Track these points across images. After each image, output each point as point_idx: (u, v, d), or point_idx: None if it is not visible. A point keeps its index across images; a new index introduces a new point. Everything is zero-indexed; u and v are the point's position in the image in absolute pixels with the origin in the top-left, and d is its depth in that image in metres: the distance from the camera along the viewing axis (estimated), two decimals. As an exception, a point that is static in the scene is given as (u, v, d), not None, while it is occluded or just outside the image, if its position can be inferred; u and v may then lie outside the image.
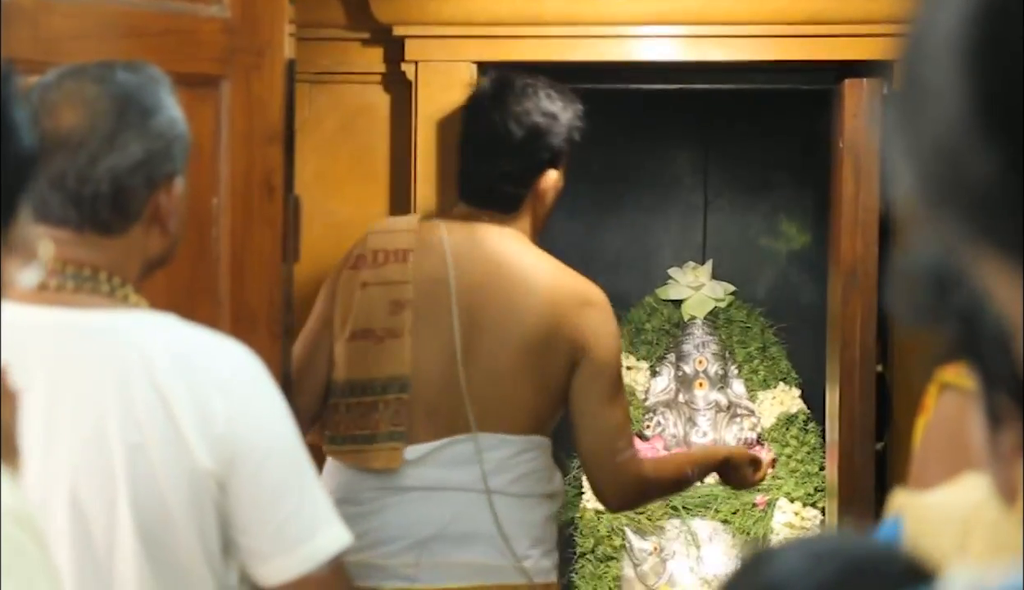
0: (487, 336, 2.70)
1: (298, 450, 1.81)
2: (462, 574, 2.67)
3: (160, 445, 1.72)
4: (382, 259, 2.75)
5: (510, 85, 2.82)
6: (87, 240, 1.78)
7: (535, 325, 2.69)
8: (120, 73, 1.81)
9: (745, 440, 4.22)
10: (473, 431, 2.67)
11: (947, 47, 0.59)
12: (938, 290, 0.74)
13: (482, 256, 2.74)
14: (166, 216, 1.82)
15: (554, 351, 2.70)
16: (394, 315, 2.70)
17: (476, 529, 2.67)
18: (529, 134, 2.76)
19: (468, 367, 2.68)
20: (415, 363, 2.69)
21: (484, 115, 2.80)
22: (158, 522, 1.74)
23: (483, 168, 2.79)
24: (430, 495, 2.68)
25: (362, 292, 2.73)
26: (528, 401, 2.71)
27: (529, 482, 2.73)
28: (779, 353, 4.33)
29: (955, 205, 0.61)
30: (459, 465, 2.68)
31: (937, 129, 0.60)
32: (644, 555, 4.08)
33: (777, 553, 0.84)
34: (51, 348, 1.75)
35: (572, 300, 2.72)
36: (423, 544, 2.66)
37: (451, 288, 2.71)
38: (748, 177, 4.46)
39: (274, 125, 2.41)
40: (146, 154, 1.79)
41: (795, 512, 4.04)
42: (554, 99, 2.80)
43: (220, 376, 1.76)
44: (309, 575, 1.78)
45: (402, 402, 2.68)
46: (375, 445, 2.68)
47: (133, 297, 1.81)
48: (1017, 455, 0.74)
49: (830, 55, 3.54)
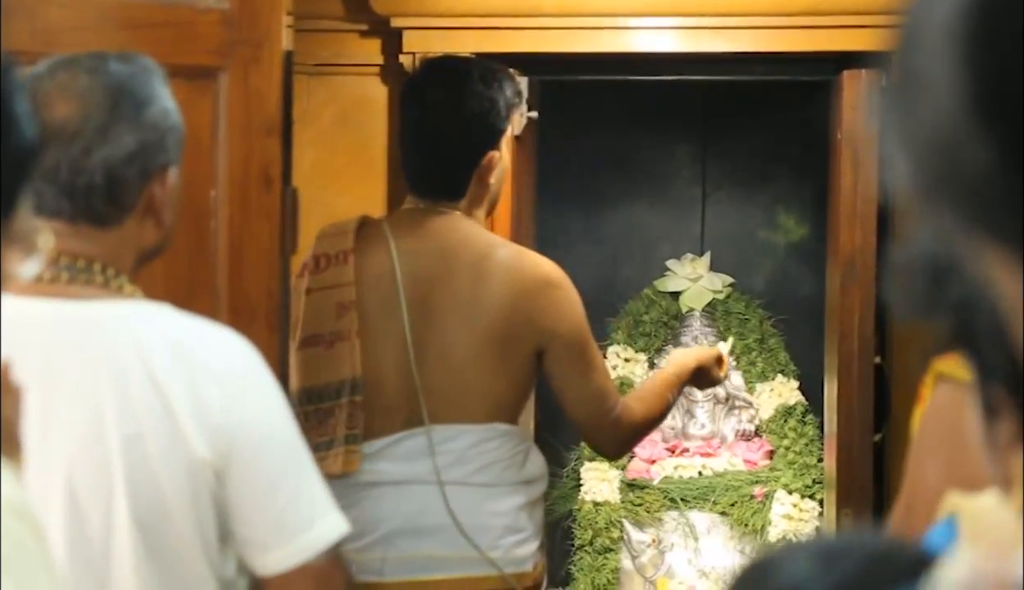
0: (441, 327, 2.67)
1: (295, 440, 1.81)
2: (425, 567, 2.66)
3: (157, 435, 1.72)
4: (324, 264, 2.73)
5: (442, 69, 2.79)
6: (81, 231, 1.78)
7: (494, 312, 2.65)
8: (113, 64, 1.81)
9: (743, 432, 4.22)
10: (426, 424, 2.66)
11: (943, 37, 0.59)
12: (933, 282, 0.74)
13: (430, 247, 2.70)
14: (160, 207, 1.82)
15: (517, 338, 2.67)
16: (340, 318, 2.68)
17: (439, 522, 2.65)
18: (466, 117, 2.72)
19: (422, 360, 2.66)
20: (366, 363, 2.67)
21: (419, 102, 2.76)
22: (155, 513, 1.74)
23: (422, 156, 2.75)
24: (392, 489, 2.68)
25: (307, 299, 2.71)
26: (489, 389, 2.67)
27: (494, 471, 2.69)
28: (777, 345, 4.33)
29: (952, 195, 0.61)
30: (415, 458, 2.67)
31: (933, 119, 0.60)
32: (642, 547, 4.08)
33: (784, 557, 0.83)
34: (46, 340, 1.75)
35: (532, 284, 2.68)
36: (388, 538, 2.66)
37: (398, 283, 2.68)
38: (746, 169, 4.46)
39: (272, 117, 2.41)
40: (140, 145, 1.78)
41: (793, 504, 4.05)
42: (488, 81, 2.75)
43: (216, 366, 1.76)
44: (307, 565, 1.78)
45: (355, 405, 2.66)
46: (332, 450, 2.67)
47: (128, 287, 1.80)
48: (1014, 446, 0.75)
49: (828, 46, 3.54)
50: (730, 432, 4.21)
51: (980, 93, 0.58)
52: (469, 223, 2.74)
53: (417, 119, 2.75)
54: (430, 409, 2.65)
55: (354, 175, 3.73)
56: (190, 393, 1.73)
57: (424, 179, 2.76)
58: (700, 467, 4.15)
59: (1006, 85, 0.57)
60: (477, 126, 2.73)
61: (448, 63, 2.83)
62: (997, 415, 0.75)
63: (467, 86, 2.73)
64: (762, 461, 4.16)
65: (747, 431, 4.21)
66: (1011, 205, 0.58)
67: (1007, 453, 0.75)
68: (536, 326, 2.67)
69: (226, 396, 1.74)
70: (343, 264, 2.72)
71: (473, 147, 2.73)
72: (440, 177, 2.75)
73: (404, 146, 2.80)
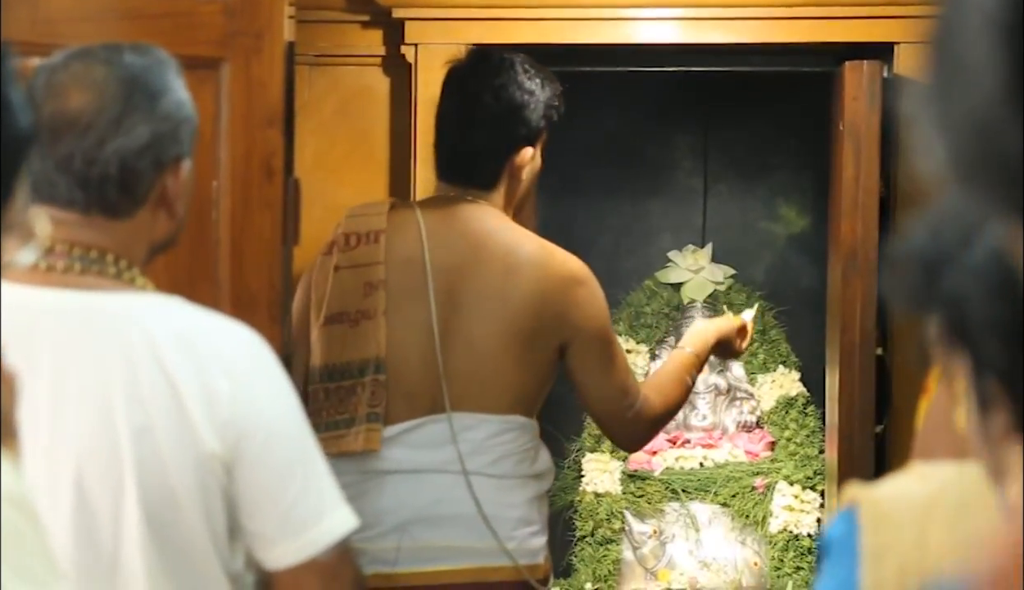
0: (467, 316, 2.67)
1: (304, 433, 1.81)
2: (443, 557, 2.66)
3: (166, 428, 1.72)
4: (354, 242, 2.73)
5: (488, 59, 2.82)
6: (94, 222, 1.78)
7: (521, 306, 2.67)
8: (128, 55, 1.81)
9: (745, 423, 4.22)
10: (448, 411, 2.66)
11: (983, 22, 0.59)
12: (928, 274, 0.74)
13: (459, 235, 2.71)
14: (173, 199, 1.82)
15: (542, 333, 2.68)
16: (367, 297, 2.68)
17: (455, 511, 2.66)
18: (505, 107, 2.74)
19: (447, 347, 2.66)
20: (391, 344, 2.67)
21: (461, 88, 2.78)
22: (164, 505, 1.73)
23: (460, 141, 2.76)
24: (408, 478, 2.67)
25: (335, 276, 2.71)
26: (512, 380, 2.69)
27: (509, 463, 2.70)
28: (779, 336, 4.33)
29: (989, 179, 0.60)
30: (435, 447, 2.67)
31: (972, 104, 0.60)
32: (643, 538, 4.08)
33: None
34: (57, 330, 1.74)
35: (559, 280, 2.70)
36: (403, 528, 2.65)
37: (427, 268, 2.68)
38: (748, 160, 4.46)
39: (274, 108, 2.41)
40: (153, 137, 1.78)
41: (794, 495, 4.05)
42: (532, 76, 2.78)
43: (226, 359, 1.75)
44: (316, 559, 1.78)
45: (378, 383, 2.66)
46: (353, 428, 2.67)
47: (140, 279, 1.80)
48: (1007, 438, 0.75)
49: (830, 37, 3.54)
50: (731, 423, 4.21)
51: (1019, 78, 0.58)
52: (498, 215, 2.76)
53: (457, 104, 2.77)
54: (452, 397, 2.66)
55: (355, 166, 3.72)
56: (200, 386, 1.73)
57: (458, 164, 2.77)
58: (701, 458, 4.15)
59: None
60: (516, 117, 2.75)
61: (495, 53, 2.85)
62: (990, 407, 0.75)
63: (511, 77, 2.76)
64: (763, 452, 4.16)
65: (748, 422, 4.21)
66: None
67: (1000, 445, 0.76)
68: (561, 322, 2.69)
69: (236, 389, 1.74)
70: (374, 244, 2.72)
71: (509, 137, 2.76)
72: (474, 164, 2.76)
73: (440, 131, 2.81)
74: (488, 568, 2.66)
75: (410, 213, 2.76)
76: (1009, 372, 0.71)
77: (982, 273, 0.70)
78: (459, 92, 2.79)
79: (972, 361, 0.74)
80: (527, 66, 2.79)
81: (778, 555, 4.03)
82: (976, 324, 0.72)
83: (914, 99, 0.63)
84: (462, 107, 2.77)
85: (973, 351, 0.74)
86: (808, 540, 4.01)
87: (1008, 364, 0.71)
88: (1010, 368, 0.71)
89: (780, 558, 4.02)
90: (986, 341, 0.72)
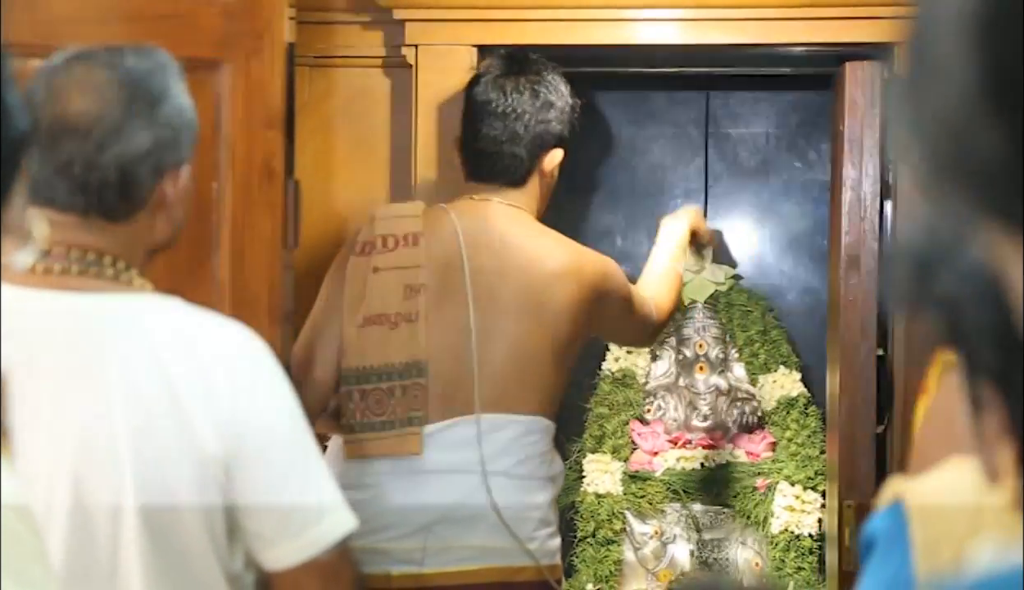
0: (505, 318, 2.71)
1: (304, 434, 1.81)
2: (468, 557, 2.68)
3: (165, 428, 1.72)
4: (392, 244, 2.75)
5: (522, 59, 2.90)
6: (92, 225, 1.78)
7: (558, 311, 2.73)
8: (130, 58, 1.80)
9: (746, 424, 4.22)
10: (477, 412, 2.67)
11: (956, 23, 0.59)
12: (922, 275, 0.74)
13: (495, 239, 2.76)
14: (172, 204, 1.82)
15: (577, 336, 2.78)
16: (408, 299, 2.70)
17: (478, 511, 2.67)
18: (542, 106, 2.82)
19: (483, 349, 2.69)
20: (430, 347, 2.69)
21: (497, 86, 2.84)
22: (163, 506, 1.73)
23: (496, 135, 2.82)
24: (436, 478, 2.68)
25: (375, 277, 2.72)
26: (542, 382, 2.74)
27: (532, 465, 2.74)
28: (780, 337, 4.32)
29: (963, 181, 0.61)
30: (461, 447, 2.69)
31: (945, 105, 0.60)
32: (645, 539, 4.08)
33: None
34: (56, 331, 1.74)
35: (595, 276, 2.81)
36: (428, 528, 2.67)
37: (465, 272, 2.72)
38: (749, 160, 4.46)
39: (274, 109, 2.41)
40: (154, 143, 1.78)
41: (796, 495, 4.05)
42: (561, 82, 2.88)
43: (225, 359, 1.75)
44: (315, 559, 1.78)
45: (420, 387, 2.67)
46: (393, 431, 2.67)
47: (138, 281, 1.80)
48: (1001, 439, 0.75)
49: (831, 38, 3.53)
50: (733, 424, 4.21)
51: (993, 79, 0.58)
52: (530, 219, 2.84)
53: (493, 102, 2.83)
54: (484, 398, 2.68)
55: (356, 167, 3.72)
56: (198, 386, 1.72)
57: (492, 162, 2.83)
58: (703, 459, 4.15)
59: (1018, 71, 0.57)
60: (551, 117, 2.84)
61: (527, 54, 2.93)
62: (984, 408, 0.75)
63: (546, 78, 2.86)
64: (765, 453, 4.16)
65: (750, 423, 4.21)
66: (1021, 190, 0.58)
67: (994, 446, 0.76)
68: (595, 320, 2.82)
69: (235, 390, 1.74)
70: (413, 246, 2.74)
71: (543, 136, 2.83)
72: (509, 161, 2.82)
73: (471, 129, 2.85)
74: (512, 568, 2.69)
75: (445, 216, 2.79)
76: (1002, 375, 0.71)
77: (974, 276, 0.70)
78: (494, 90, 2.84)
79: (965, 363, 0.74)
80: (557, 73, 2.89)
81: (779, 555, 4.02)
82: (969, 327, 0.72)
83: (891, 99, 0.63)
84: (498, 104, 2.82)
85: (966, 353, 0.74)
86: (809, 540, 4.01)
87: (1001, 367, 0.71)
88: (1003, 371, 0.71)
89: (781, 558, 4.02)
90: (979, 344, 0.72)
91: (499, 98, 2.83)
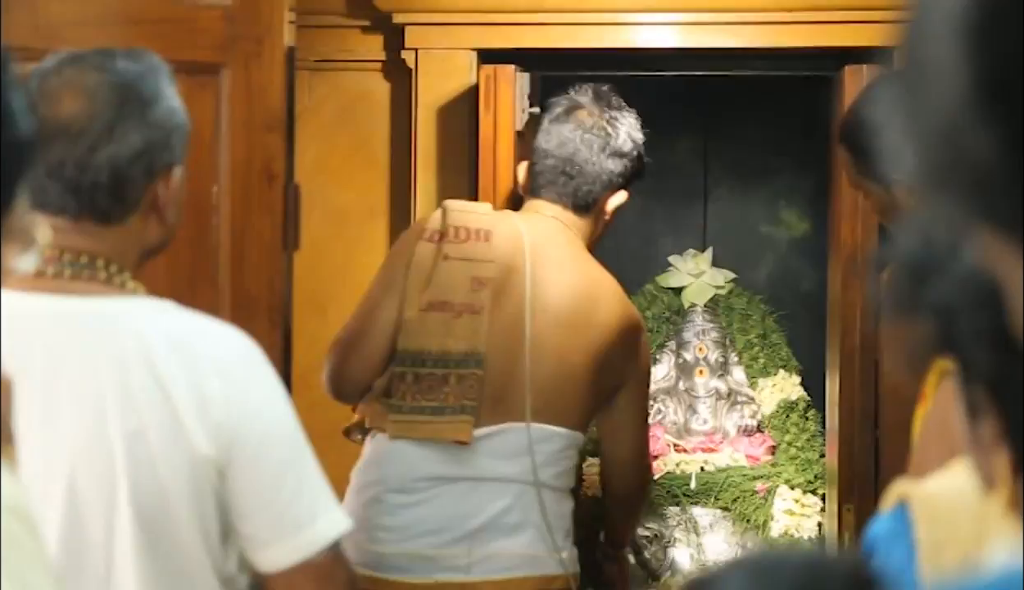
0: (557, 330, 2.76)
1: (297, 435, 1.81)
2: (511, 565, 2.71)
3: (159, 431, 1.72)
4: (464, 236, 2.78)
5: (610, 97, 3.00)
6: (85, 228, 1.78)
7: (604, 331, 2.81)
8: (120, 61, 1.81)
9: (745, 427, 4.22)
10: (527, 420, 2.71)
11: (948, 27, 0.59)
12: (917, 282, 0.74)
13: (555, 254, 2.83)
14: (164, 206, 1.82)
15: (613, 362, 2.83)
16: (475, 291, 2.74)
17: (525, 520, 2.72)
18: (623, 146, 2.94)
19: (535, 357, 2.73)
20: (489, 343, 2.72)
21: (586, 118, 2.93)
22: (157, 508, 1.74)
23: (578, 166, 2.90)
24: (480, 485, 2.71)
25: (444, 264, 2.75)
26: (584, 398, 2.79)
27: (567, 478, 2.82)
28: (779, 340, 4.33)
29: (956, 184, 0.61)
30: (512, 456, 2.73)
31: (938, 109, 0.60)
32: (645, 542, 4.08)
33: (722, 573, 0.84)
34: (49, 335, 1.75)
35: (632, 324, 2.89)
36: (474, 535, 2.69)
37: (526, 278, 2.77)
38: (748, 164, 4.46)
39: (274, 113, 2.41)
40: (145, 144, 1.79)
41: (795, 499, 4.05)
42: (637, 126, 3.01)
43: (218, 361, 1.75)
44: (309, 561, 1.78)
45: (476, 377, 2.70)
46: (445, 417, 2.70)
47: (131, 283, 1.81)
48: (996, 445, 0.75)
49: (830, 41, 3.54)
50: (732, 427, 4.21)
51: (984, 83, 0.58)
52: (583, 247, 2.90)
53: (581, 132, 2.92)
54: (532, 405, 2.70)
55: (356, 171, 3.72)
56: (192, 389, 1.73)
57: (568, 186, 2.91)
58: (702, 463, 4.15)
59: (1010, 75, 0.58)
60: (627, 160, 2.96)
61: (614, 93, 3.03)
62: (980, 415, 0.76)
63: (632, 123, 3.00)
64: (764, 456, 4.16)
65: (749, 426, 4.21)
66: (1014, 193, 0.59)
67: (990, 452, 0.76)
68: (628, 359, 2.87)
69: (228, 392, 1.74)
70: (484, 242, 2.79)
71: (618, 174, 2.94)
72: (585, 189, 2.91)
73: (548, 151, 2.92)
74: (548, 577, 2.75)
75: (512, 223, 2.86)
76: (997, 381, 0.71)
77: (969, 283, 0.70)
78: (584, 119, 2.93)
79: (961, 369, 0.75)
80: (634, 120, 3.00)
81: (779, 559, 4.03)
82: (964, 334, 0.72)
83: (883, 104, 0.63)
84: (586, 135, 2.91)
85: (961, 360, 0.74)
86: (809, 544, 4.01)
87: (996, 373, 0.71)
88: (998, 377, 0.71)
89: (781, 562, 4.02)
90: (974, 351, 0.72)
91: (588, 133, 2.92)
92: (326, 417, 3.67)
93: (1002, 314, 0.64)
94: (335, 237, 3.71)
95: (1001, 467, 0.74)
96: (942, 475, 1.29)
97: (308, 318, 3.57)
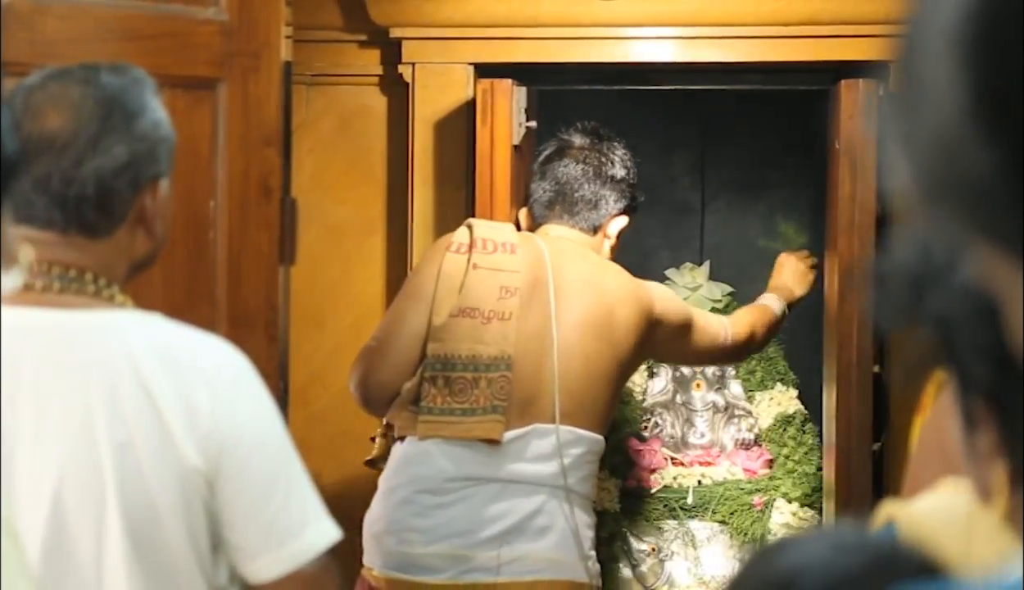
0: (581, 336, 2.86)
1: (286, 446, 1.81)
2: (538, 568, 2.77)
3: (147, 443, 1.72)
4: (491, 248, 2.90)
5: (607, 134, 3.18)
6: (72, 242, 1.78)
7: (625, 335, 2.91)
8: (104, 75, 1.81)
9: (743, 441, 4.22)
10: (556, 423, 2.75)
11: (945, 41, 0.59)
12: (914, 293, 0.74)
13: (574, 265, 2.95)
14: (151, 218, 1.82)
15: (636, 354, 2.97)
16: (503, 299, 2.85)
17: (553, 523, 2.78)
18: (625, 175, 3.13)
19: (562, 361, 2.82)
20: (517, 348, 2.81)
21: (583, 149, 3.11)
22: (146, 521, 1.73)
23: (585, 192, 3.08)
24: (510, 488, 2.77)
25: (474, 273, 2.85)
26: (607, 401, 2.90)
27: (589, 484, 2.89)
28: (776, 354, 4.33)
29: (953, 199, 0.61)
30: (541, 459, 2.80)
31: (935, 123, 0.60)
32: (642, 556, 4.08)
33: (795, 542, 0.84)
34: (38, 349, 1.75)
35: (647, 313, 2.98)
36: (502, 537, 2.75)
37: (549, 288, 2.88)
38: (745, 178, 4.46)
39: (271, 127, 2.41)
40: (131, 156, 1.79)
41: (792, 513, 4.04)
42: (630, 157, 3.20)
43: (206, 373, 1.76)
44: (298, 571, 1.78)
45: (506, 379, 2.79)
46: (476, 417, 2.76)
47: (119, 297, 1.81)
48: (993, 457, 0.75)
49: (826, 56, 3.54)
50: (729, 441, 4.21)
51: (981, 98, 0.58)
52: (595, 253, 3.05)
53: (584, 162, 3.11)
54: (562, 409, 2.77)
55: (353, 184, 3.73)
56: (180, 401, 1.73)
57: (574, 209, 3.09)
58: (700, 476, 4.14)
59: (1007, 90, 0.58)
60: (629, 187, 3.15)
61: (606, 130, 3.22)
62: (977, 426, 0.76)
63: (629, 156, 3.18)
64: (761, 470, 4.16)
65: (746, 440, 4.21)
66: (1012, 209, 0.59)
67: (987, 463, 0.76)
68: (647, 343, 3.01)
69: (216, 403, 1.74)
70: (512, 253, 2.92)
71: (620, 200, 3.12)
72: (591, 212, 3.09)
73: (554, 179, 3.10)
74: (575, 582, 2.80)
75: (532, 238, 3.01)
76: (994, 393, 0.71)
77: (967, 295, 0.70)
78: (577, 153, 3.11)
79: (958, 381, 0.75)
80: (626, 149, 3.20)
81: (777, 573, 4.02)
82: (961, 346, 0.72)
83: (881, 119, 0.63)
84: (580, 166, 3.10)
85: (959, 371, 0.74)
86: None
87: (993, 386, 0.71)
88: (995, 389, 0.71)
89: (779, 576, 4.02)
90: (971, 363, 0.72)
91: (591, 162, 3.10)
92: (324, 431, 3.67)
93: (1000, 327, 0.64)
94: (332, 251, 3.71)
95: (998, 478, 0.74)
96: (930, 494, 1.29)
97: (305, 332, 3.58)
